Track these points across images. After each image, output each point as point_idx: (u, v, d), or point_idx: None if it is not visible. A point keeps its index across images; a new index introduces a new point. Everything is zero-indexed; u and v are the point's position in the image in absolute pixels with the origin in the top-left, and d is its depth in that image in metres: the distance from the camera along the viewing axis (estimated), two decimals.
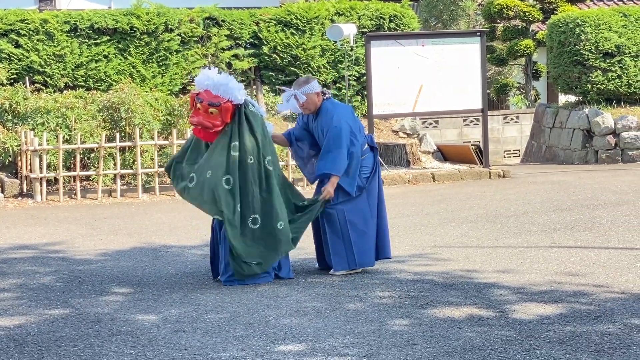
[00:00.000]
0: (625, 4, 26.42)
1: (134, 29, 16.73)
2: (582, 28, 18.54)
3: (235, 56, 17.31)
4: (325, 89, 7.95)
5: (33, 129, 13.88)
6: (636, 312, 6.16)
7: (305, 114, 7.77)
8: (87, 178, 14.14)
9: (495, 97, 25.14)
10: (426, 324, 6.01)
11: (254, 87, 17.69)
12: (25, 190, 13.76)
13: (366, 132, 8.14)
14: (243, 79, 17.01)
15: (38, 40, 16.32)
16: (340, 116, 7.59)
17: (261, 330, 5.95)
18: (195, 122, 7.28)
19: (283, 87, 7.92)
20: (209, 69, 7.47)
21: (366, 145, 7.77)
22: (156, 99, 14.83)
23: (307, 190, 14.12)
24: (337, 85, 17.84)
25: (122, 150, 14.13)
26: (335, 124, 7.53)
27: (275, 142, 7.78)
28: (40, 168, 13.58)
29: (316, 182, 7.89)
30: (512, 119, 22.66)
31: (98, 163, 13.77)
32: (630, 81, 18.64)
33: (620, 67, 18.61)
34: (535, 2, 23.65)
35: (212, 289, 7.23)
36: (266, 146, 7.35)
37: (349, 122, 7.58)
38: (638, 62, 18.69)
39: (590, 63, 18.54)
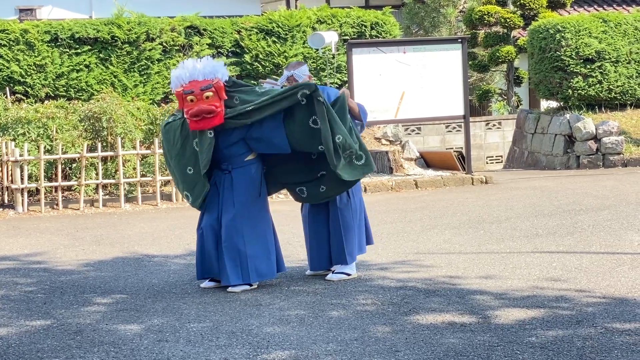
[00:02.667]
0: (605, 10, 26.56)
1: (115, 38, 16.70)
2: (563, 34, 18.64)
3: None
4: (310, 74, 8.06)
5: (14, 140, 13.82)
6: (617, 316, 6.18)
7: None
8: (69, 188, 14.09)
9: (478, 104, 25.23)
10: (409, 330, 6.01)
11: None
12: (6, 201, 13.69)
13: None
14: None
15: (18, 50, 16.27)
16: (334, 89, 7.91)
17: (244, 339, 5.94)
18: (196, 112, 7.17)
19: (269, 81, 7.93)
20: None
21: None
22: (138, 108, 14.79)
23: (289, 199, 14.13)
24: None
25: (104, 160, 14.08)
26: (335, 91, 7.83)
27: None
28: (22, 179, 13.52)
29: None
30: (494, 125, 22.74)
31: (80, 173, 13.72)
32: (610, 86, 18.75)
33: (601, 72, 18.71)
34: (516, 9, 23.76)
35: (195, 298, 7.21)
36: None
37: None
38: (618, 67, 18.80)
39: (571, 69, 18.63)
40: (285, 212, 11.98)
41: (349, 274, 7.77)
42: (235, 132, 7.34)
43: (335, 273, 7.75)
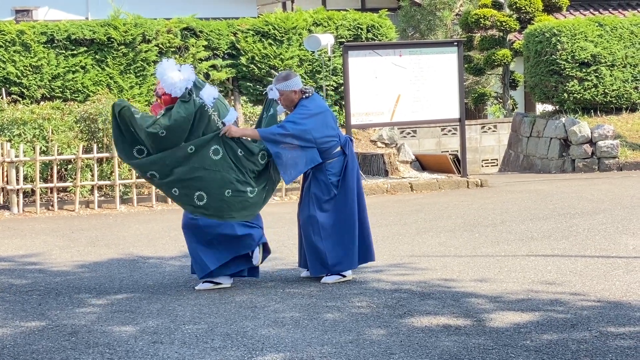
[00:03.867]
0: (601, 13, 26.60)
1: (112, 39, 16.70)
2: (559, 38, 18.67)
3: (213, 67, 17.30)
4: (308, 86, 7.93)
5: (9, 141, 13.81)
6: (612, 320, 6.19)
7: (285, 108, 7.83)
8: (65, 189, 14.08)
9: (473, 107, 25.24)
10: (404, 333, 6.02)
11: (232, 97, 17.68)
12: (1, 202, 13.68)
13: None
14: (221, 89, 16.99)
15: (14, 51, 16.25)
16: (309, 107, 7.68)
17: (239, 341, 5.94)
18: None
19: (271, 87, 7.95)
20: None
21: (338, 148, 7.77)
22: None
23: (284, 201, 14.13)
24: None
25: (100, 161, 14.08)
26: (304, 109, 7.67)
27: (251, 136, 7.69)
28: (17, 180, 13.51)
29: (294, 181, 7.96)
30: (489, 129, 22.76)
31: (75, 174, 13.71)
32: (606, 90, 18.79)
33: (596, 76, 18.75)
34: (512, 12, 23.78)
35: (190, 300, 7.21)
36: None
37: (310, 108, 7.68)
38: (614, 71, 18.83)
39: (567, 72, 18.66)
40: (280, 214, 11.99)
41: (344, 275, 7.77)
42: None
43: (330, 275, 7.74)
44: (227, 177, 7.35)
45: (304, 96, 7.73)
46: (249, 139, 7.55)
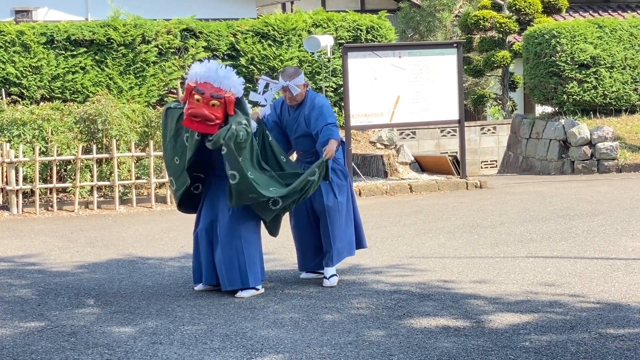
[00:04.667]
0: (600, 15, 26.61)
1: (111, 40, 16.70)
2: (558, 39, 18.68)
3: None
4: (306, 80, 7.95)
5: (9, 141, 13.81)
6: (611, 322, 6.20)
7: (291, 104, 7.76)
8: (64, 190, 14.08)
9: (472, 108, 25.25)
10: (403, 334, 6.02)
11: None
12: (1, 202, 13.68)
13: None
14: None
15: (14, 52, 16.26)
16: (326, 100, 7.79)
17: (238, 342, 5.94)
18: (195, 112, 7.08)
19: (264, 77, 7.87)
20: (201, 62, 7.48)
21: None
22: (133, 111, 14.79)
23: None
24: None
25: (99, 162, 14.08)
26: (323, 101, 7.70)
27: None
28: (17, 180, 13.51)
29: None
30: (489, 130, 22.76)
31: (75, 175, 13.71)
32: (605, 92, 18.79)
33: (596, 78, 18.75)
34: (511, 14, 23.79)
35: (189, 301, 7.21)
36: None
37: (324, 97, 7.84)
38: (613, 73, 18.84)
39: (566, 74, 18.67)
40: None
41: (336, 275, 7.75)
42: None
43: (329, 278, 7.71)
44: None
45: (307, 89, 7.79)
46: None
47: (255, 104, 8.63)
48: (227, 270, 7.30)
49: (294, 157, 8.07)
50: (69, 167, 13.97)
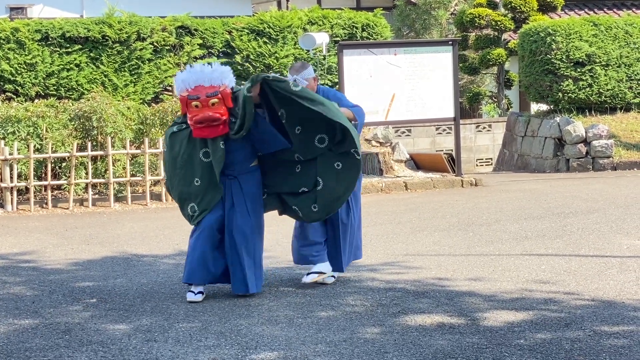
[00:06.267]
0: (596, 13, 26.63)
1: (106, 37, 16.67)
2: (553, 37, 18.68)
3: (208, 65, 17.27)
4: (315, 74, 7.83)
5: (4, 138, 13.79)
6: (606, 319, 6.20)
7: None
8: (59, 187, 14.06)
9: (468, 106, 25.26)
10: (398, 332, 6.02)
11: None
12: None
13: None
14: None
15: (9, 49, 16.22)
16: (335, 91, 7.70)
17: (233, 339, 5.94)
18: (200, 119, 6.91)
19: (273, 75, 7.75)
20: (181, 71, 7.34)
21: None
22: (128, 108, 14.77)
23: None
24: None
25: (94, 159, 14.06)
26: (339, 94, 7.63)
27: None
28: (11, 177, 13.49)
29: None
30: (484, 128, 22.78)
31: (69, 172, 13.70)
32: (600, 90, 18.81)
33: (591, 76, 18.77)
34: (507, 12, 23.81)
35: (184, 298, 7.20)
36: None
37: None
38: (608, 71, 18.85)
39: (562, 72, 18.68)
40: (274, 213, 11.96)
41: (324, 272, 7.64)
42: (240, 138, 7.15)
43: (311, 274, 7.61)
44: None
45: (317, 83, 7.65)
46: None
47: None
48: (250, 275, 7.15)
49: None
50: (64, 164, 13.95)
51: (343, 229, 7.54)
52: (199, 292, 7.15)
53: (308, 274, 7.55)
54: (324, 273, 7.55)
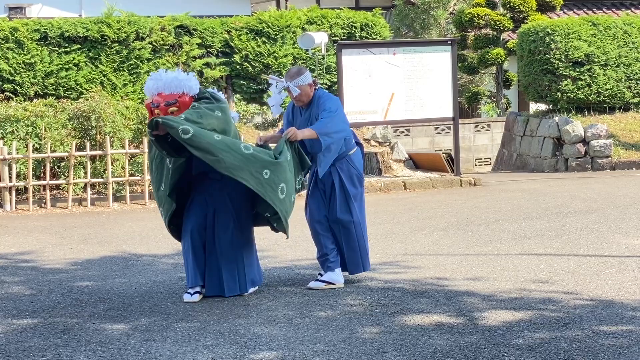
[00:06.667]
0: (594, 13, 26.64)
1: (105, 37, 16.67)
2: (552, 37, 18.69)
3: (207, 65, 17.29)
4: (314, 79, 7.70)
5: (2, 138, 13.79)
6: (604, 319, 6.20)
7: (298, 105, 7.50)
8: (57, 187, 14.06)
9: (467, 106, 25.26)
10: (396, 331, 6.01)
11: (226, 95, 17.67)
12: None
13: None
14: (215, 87, 16.98)
15: (8, 48, 16.22)
16: (335, 100, 7.47)
17: (231, 339, 5.93)
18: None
19: (272, 77, 7.66)
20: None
21: (353, 140, 7.59)
22: (127, 108, 14.77)
23: None
24: None
25: (93, 159, 14.06)
26: (333, 102, 7.38)
27: (272, 142, 7.40)
28: (10, 177, 13.49)
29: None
30: (483, 128, 22.77)
31: (68, 172, 13.69)
32: (599, 90, 18.81)
33: (590, 75, 18.77)
34: (505, 11, 23.81)
35: (182, 298, 7.19)
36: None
37: (334, 97, 7.52)
38: (607, 70, 18.86)
39: (560, 72, 18.68)
40: None
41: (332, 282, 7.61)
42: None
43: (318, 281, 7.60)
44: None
45: (315, 88, 7.50)
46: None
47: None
48: (227, 277, 7.12)
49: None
50: (63, 164, 13.95)
51: (346, 233, 7.53)
52: (196, 293, 7.13)
53: (316, 280, 7.53)
54: (333, 284, 7.47)
